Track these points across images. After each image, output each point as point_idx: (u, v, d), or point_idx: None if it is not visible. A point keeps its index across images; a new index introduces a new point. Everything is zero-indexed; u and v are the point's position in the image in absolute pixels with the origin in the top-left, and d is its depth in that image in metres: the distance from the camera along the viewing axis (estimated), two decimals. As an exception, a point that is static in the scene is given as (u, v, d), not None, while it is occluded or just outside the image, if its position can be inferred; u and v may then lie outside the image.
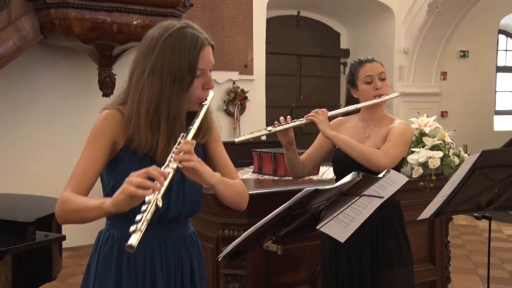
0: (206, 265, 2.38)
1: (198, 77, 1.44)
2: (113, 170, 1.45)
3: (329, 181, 2.54)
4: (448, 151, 2.62)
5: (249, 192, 2.21)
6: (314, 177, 2.69)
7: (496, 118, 9.01)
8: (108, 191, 1.47)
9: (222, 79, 6.05)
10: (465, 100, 8.23)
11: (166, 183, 1.27)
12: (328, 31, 7.81)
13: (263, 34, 6.33)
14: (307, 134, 2.28)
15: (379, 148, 2.04)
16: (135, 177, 1.23)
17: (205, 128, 1.52)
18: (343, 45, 7.92)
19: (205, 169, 1.38)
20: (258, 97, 6.34)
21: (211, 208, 2.32)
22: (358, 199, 1.72)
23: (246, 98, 6.18)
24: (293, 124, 2.03)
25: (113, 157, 1.45)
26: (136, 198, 1.22)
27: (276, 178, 2.68)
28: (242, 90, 6.14)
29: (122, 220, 1.46)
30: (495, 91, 9.07)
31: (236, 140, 2.06)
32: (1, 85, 4.75)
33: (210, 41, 1.48)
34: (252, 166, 2.93)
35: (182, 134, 1.40)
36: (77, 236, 1.93)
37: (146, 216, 1.21)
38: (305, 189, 1.55)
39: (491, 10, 8.25)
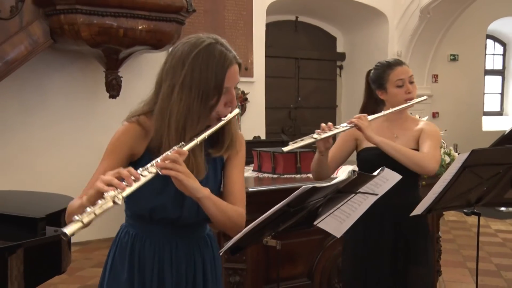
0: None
1: (223, 94, 1.40)
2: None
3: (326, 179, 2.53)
4: (440, 150, 2.62)
5: (250, 189, 2.25)
6: (311, 175, 2.69)
7: (485, 118, 9.02)
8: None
9: (224, 81, 6.04)
10: (455, 101, 8.25)
11: (136, 185, 1.22)
12: (324, 36, 7.80)
13: (263, 38, 6.33)
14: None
15: (410, 148, 2.01)
16: (107, 175, 1.22)
17: (228, 142, 1.47)
18: (339, 48, 7.92)
19: (189, 181, 1.31)
20: (258, 99, 6.33)
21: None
22: (353, 196, 1.72)
23: (246, 99, 6.18)
24: (336, 131, 1.93)
25: (135, 163, 1.41)
26: (90, 215, 1.16)
27: (275, 176, 2.68)
28: (243, 92, 6.14)
29: (136, 219, 1.48)
30: (484, 93, 9.08)
31: (284, 149, 1.91)
32: (13, 87, 4.75)
33: (238, 59, 1.43)
34: (252, 165, 2.93)
35: (181, 143, 1.35)
36: (85, 232, 1.92)
37: (95, 210, 1.15)
38: (303, 186, 1.55)
39: (479, 16, 8.27)
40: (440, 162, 2.54)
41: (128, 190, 1.21)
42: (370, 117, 2.01)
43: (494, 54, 9.46)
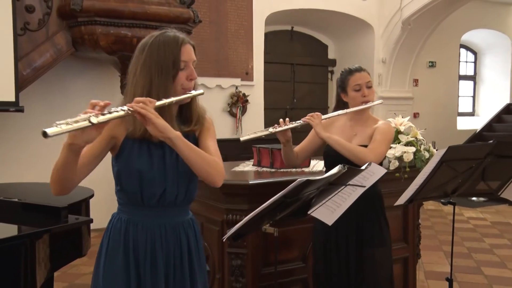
0: (213, 245, 2.40)
1: (182, 70, 1.46)
2: (119, 158, 1.46)
3: (319, 173, 2.52)
4: (420, 147, 2.61)
5: (250, 182, 2.24)
6: (306, 169, 2.68)
7: (459, 119, 9.05)
8: (116, 179, 1.49)
9: (226, 84, 6.04)
10: (433, 103, 8.27)
11: (110, 116, 1.25)
12: (317, 44, 7.79)
13: (262, 46, 6.32)
14: (302, 132, 2.24)
15: (365, 145, 2.02)
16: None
17: (196, 118, 1.52)
18: (331, 55, 7.91)
19: (158, 120, 1.32)
20: (257, 100, 6.33)
21: (217, 196, 2.31)
22: (343, 188, 1.72)
23: (247, 101, 6.17)
24: (291, 126, 2.00)
25: (118, 150, 1.46)
26: (68, 125, 1.20)
27: (273, 170, 2.67)
28: (244, 94, 6.13)
29: (129, 205, 1.49)
30: (458, 96, 9.11)
31: (241, 139, 2.03)
32: (39, 90, 4.75)
33: (190, 40, 1.50)
34: (252, 160, 2.92)
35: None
36: (102, 219, 1.93)
37: (73, 121, 1.20)
38: (298, 179, 1.55)
39: (454, 28, 8.31)
40: (421, 158, 2.54)
41: (101, 118, 1.23)
42: (324, 116, 2.07)
43: (466, 62, 9.51)
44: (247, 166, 2.82)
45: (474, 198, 6.57)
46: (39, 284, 1.84)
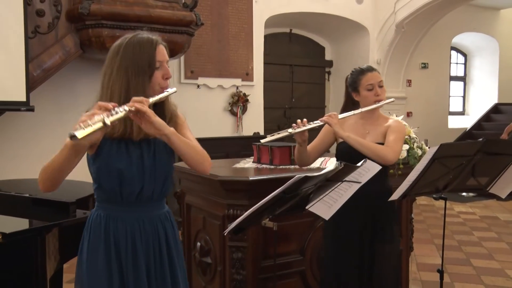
0: (215, 238, 2.40)
1: (158, 69, 1.45)
2: (97, 157, 1.44)
3: (316, 169, 2.52)
4: (413, 145, 2.60)
5: (250, 178, 2.24)
6: (304, 167, 2.67)
7: (450, 118, 9.04)
8: (94, 177, 1.47)
9: (228, 84, 6.03)
10: (426, 103, 8.27)
11: (116, 116, 1.26)
12: (315, 45, 7.77)
13: (261, 47, 6.30)
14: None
15: (379, 142, 2.01)
16: (85, 115, 1.26)
17: (169, 115, 1.51)
18: (328, 57, 7.89)
19: (156, 119, 1.34)
20: (257, 100, 6.31)
21: (219, 191, 2.31)
22: (340, 184, 1.71)
23: (247, 100, 6.15)
24: (309, 126, 1.95)
25: (95, 149, 1.44)
26: (89, 126, 1.21)
27: (272, 167, 2.66)
28: (244, 94, 6.11)
29: (108, 202, 1.48)
30: (449, 96, 9.10)
31: (262, 141, 1.98)
32: (49, 91, 4.75)
33: (162, 42, 1.50)
34: (252, 157, 2.91)
35: None
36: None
37: (91, 123, 1.21)
38: (296, 176, 1.54)
39: (445, 31, 8.30)
40: (414, 155, 2.54)
41: (112, 118, 1.25)
42: (341, 116, 2.03)
43: (457, 63, 9.50)
44: (247, 163, 2.82)
45: (464, 194, 6.59)
46: (50, 275, 1.84)
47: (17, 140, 4.75)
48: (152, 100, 1.39)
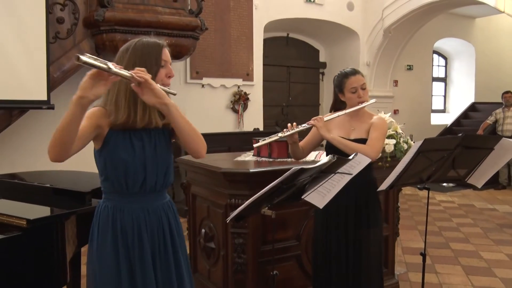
0: (218, 226, 2.39)
1: (162, 67, 1.44)
2: (104, 150, 1.42)
3: (311, 162, 2.51)
4: (399, 139, 2.59)
5: (250, 170, 2.23)
6: (300, 159, 2.67)
7: (432, 115, 9.04)
8: (101, 170, 1.45)
9: (230, 84, 6.00)
10: (411, 101, 8.26)
11: (120, 71, 1.25)
12: (310, 48, 7.74)
13: (261, 50, 6.27)
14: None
15: (363, 138, 2.00)
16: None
17: None
18: (322, 59, 7.86)
19: (157, 87, 1.31)
20: (257, 98, 6.29)
21: (221, 182, 2.30)
22: (333, 175, 1.70)
23: (248, 99, 6.13)
24: (297, 130, 1.96)
25: (102, 142, 1.42)
26: (96, 77, 1.21)
27: (271, 160, 2.66)
28: (245, 93, 6.09)
29: (114, 193, 1.45)
30: (432, 95, 9.09)
31: (255, 145, 2.01)
32: (67, 90, 4.69)
33: (166, 45, 1.49)
34: (253, 151, 2.90)
35: None
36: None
37: (98, 61, 1.20)
38: (293, 168, 1.53)
39: (428, 36, 8.29)
40: (400, 149, 2.53)
41: (116, 70, 1.23)
42: (326, 118, 2.02)
43: (438, 66, 9.48)
44: (248, 156, 2.81)
45: (444, 184, 6.58)
46: (69, 257, 1.84)
47: (39, 135, 4.74)
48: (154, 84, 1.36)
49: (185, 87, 5.61)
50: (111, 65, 1.22)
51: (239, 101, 6.04)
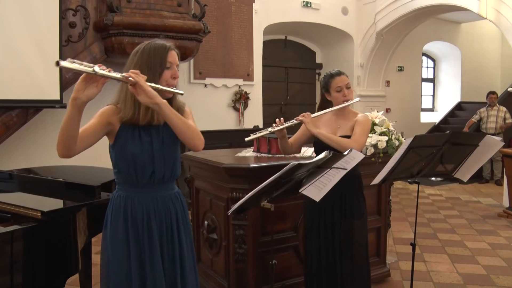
0: (220, 218, 2.38)
1: (168, 69, 1.45)
2: (116, 144, 1.45)
3: (308, 158, 2.51)
4: (391, 136, 2.58)
5: (251, 165, 2.22)
6: (297, 155, 2.66)
7: (422, 114, 9.02)
8: (114, 163, 1.48)
9: (231, 84, 5.99)
10: (402, 101, 8.25)
11: (107, 73, 1.25)
12: (307, 50, 7.71)
13: (260, 52, 6.25)
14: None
15: (348, 135, 2.00)
16: None
17: (176, 108, 1.48)
18: (318, 60, 7.84)
19: (148, 88, 1.32)
20: (257, 97, 6.27)
21: (223, 177, 2.29)
22: (329, 170, 1.69)
23: (248, 98, 6.12)
24: (286, 125, 1.98)
25: (115, 137, 1.45)
26: (87, 79, 1.24)
27: (270, 155, 2.65)
28: (245, 92, 6.07)
29: (126, 184, 1.48)
30: (421, 95, 9.06)
31: (246, 139, 2.02)
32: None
33: (174, 48, 1.49)
34: (253, 147, 2.89)
35: None
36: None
37: (82, 64, 1.21)
38: (291, 163, 1.52)
39: (417, 39, 8.26)
40: (392, 146, 2.52)
41: (102, 71, 1.23)
42: (314, 115, 2.03)
43: (427, 67, 9.46)
44: (248, 152, 2.80)
45: (433, 178, 6.58)
46: (81, 247, 1.84)
47: (53, 133, 4.68)
48: (153, 84, 1.36)
49: (189, 87, 5.59)
50: (97, 68, 1.22)
51: (240, 100, 6.03)
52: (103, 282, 1.48)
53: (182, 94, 1.46)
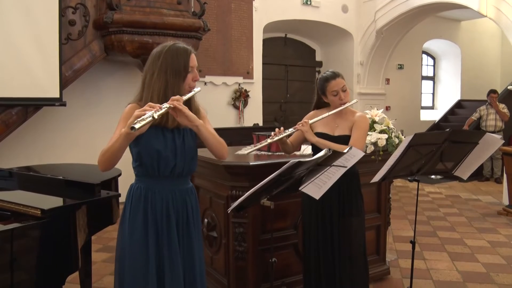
0: (220, 215, 2.38)
1: (190, 72, 1.53)
2: (138, 141, 1.50)
3: (308, 156, 2.50)
4: (391, 134, 2.58)
5: (251, 163, 2.22)
6: (297, 153, 2.65)
7: (422, 111, 9.02)
8: (135, 157, 1.54)
9: (231, 82, 5.98)
10: (402, 99, 8.25)
11: (161, 112, 1.36)
12: (307, 48, 7.69)
13: (260, 50, 6.24)
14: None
15: (346, 134, 2.00)
16: (137, 110, 1.36)
17: (194, 110, 1.55)
18: (318, 58, 7.82)
19: (190, 113, 1.44)
20: (257, 95, 6.27)
21: (223, 175, 2.29)
22: (328, 168, 1.69)
23: (248, 96, 6.12)
24: (284, 134, 1.99)
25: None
26: (143, 120, 1.32)
27: (269, 153, 2.65)
28: (245, 90, 6.07)
29: (147, 176, 1.54)
30: (421, 93, 9.05)
31: (246, 152, 2.08)
32: (78, 88, 4.72)
33: (193, 50, 1.56)
34: (253, 145, 2.88)
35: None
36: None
37: (145, 118, 1.32)
38: (291, 161, 1.52)
39: (417, 37, 8.25)
40: (392, 143, 2.51)
41: (158, 112, 1.35)
42: (312, 121, 2.04)
43: (427, 65, 9.46)
44: (247, 150, 2.79)
45: (433, 176, 6.58)
46: (81, 245, 1.83)
47: (52, 131, 4.73)
48: (185, 97, 1.47)
49: (189, 85, 5.59)
50: (155, 114, 1.35)
51: (240, 98, 6.02)
52: (118, 274, 1.54)
53: (200, 91, 1.54)
